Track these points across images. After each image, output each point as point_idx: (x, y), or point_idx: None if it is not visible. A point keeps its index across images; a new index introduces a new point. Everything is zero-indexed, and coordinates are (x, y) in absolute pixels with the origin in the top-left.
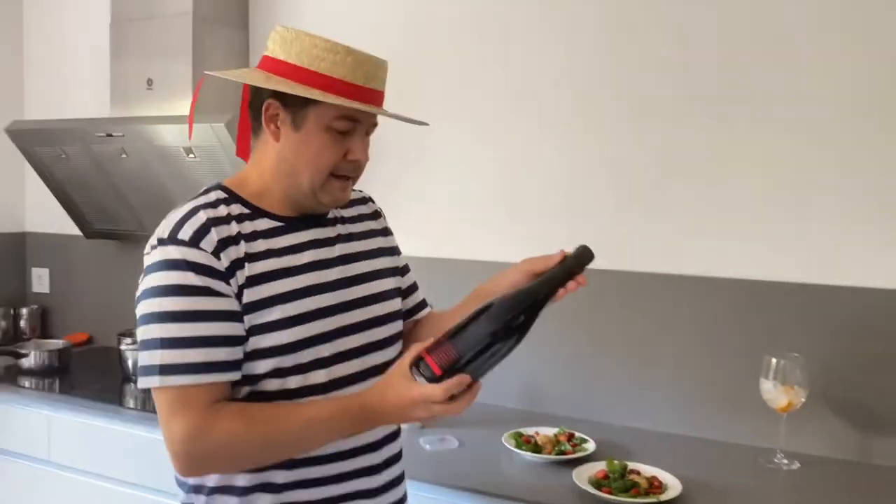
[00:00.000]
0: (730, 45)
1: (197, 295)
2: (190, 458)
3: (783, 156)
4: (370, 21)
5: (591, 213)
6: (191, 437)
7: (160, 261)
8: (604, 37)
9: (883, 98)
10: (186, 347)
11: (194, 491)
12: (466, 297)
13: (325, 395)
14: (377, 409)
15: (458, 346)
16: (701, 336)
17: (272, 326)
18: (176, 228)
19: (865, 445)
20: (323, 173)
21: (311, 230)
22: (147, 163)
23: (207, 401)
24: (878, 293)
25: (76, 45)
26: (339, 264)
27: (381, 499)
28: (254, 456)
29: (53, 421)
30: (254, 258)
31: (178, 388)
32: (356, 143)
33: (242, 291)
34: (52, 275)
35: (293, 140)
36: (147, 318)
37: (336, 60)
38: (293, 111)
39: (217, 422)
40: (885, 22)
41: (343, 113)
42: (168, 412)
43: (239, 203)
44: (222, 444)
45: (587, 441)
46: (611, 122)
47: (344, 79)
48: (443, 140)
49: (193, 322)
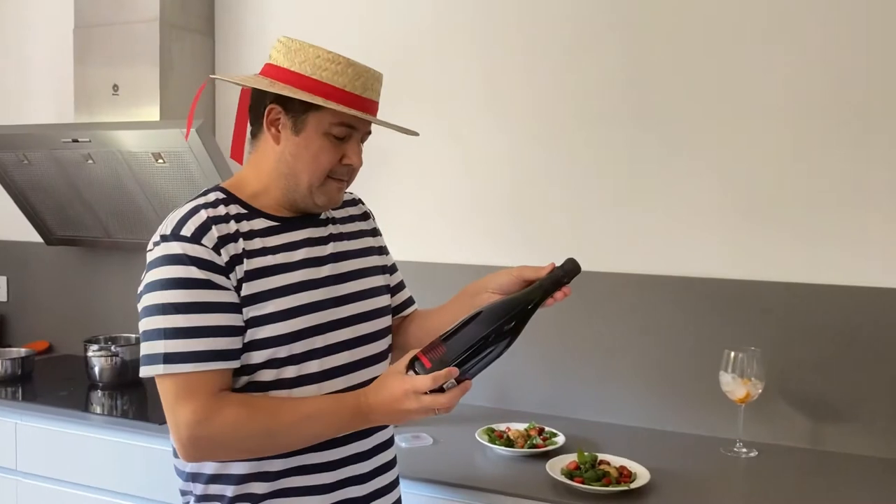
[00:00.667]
0: (688, 46)
1: (199, 287)
2: (194, 444)
3: (741, 158)
4: (337, 29)
5: (557, 214)
6: (196, 423)
7: (163, 256)
8: (579, 43)
9: (835, 105)
10: (190, 337)
11: (192, 479)
12: (456, 296)
13: (319, 385)
14: (372, 406)
15: (450, 347)
16: (663, 333)
17: (268, 319)
18: (178, 225)
19: (818, 433)
20: (320, 175)
21: (306, 229)
22: (114, 169)
23: (211, 388)
24: (828, 289)
25: (37, 51)
26: (331, 262)
27: (371, 484)
28: (255, 445)
29: (20, 429)
30: (251, 255)
31: (183, 376)
32: (352, 148)
33: (241, 285)
34: (9, 282)
35: (293, 143)
36: (150, 311)
37: (337, 70)
38: (294, 116)
39: (222, 409)
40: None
41: (341, 120)
42: (173, 399)
43: (237, 204)
44: (226, 430)
45: (557, 435)
46: (581, 124)
47: (344, 88)
48: (418, 145)
49: (196, 313)
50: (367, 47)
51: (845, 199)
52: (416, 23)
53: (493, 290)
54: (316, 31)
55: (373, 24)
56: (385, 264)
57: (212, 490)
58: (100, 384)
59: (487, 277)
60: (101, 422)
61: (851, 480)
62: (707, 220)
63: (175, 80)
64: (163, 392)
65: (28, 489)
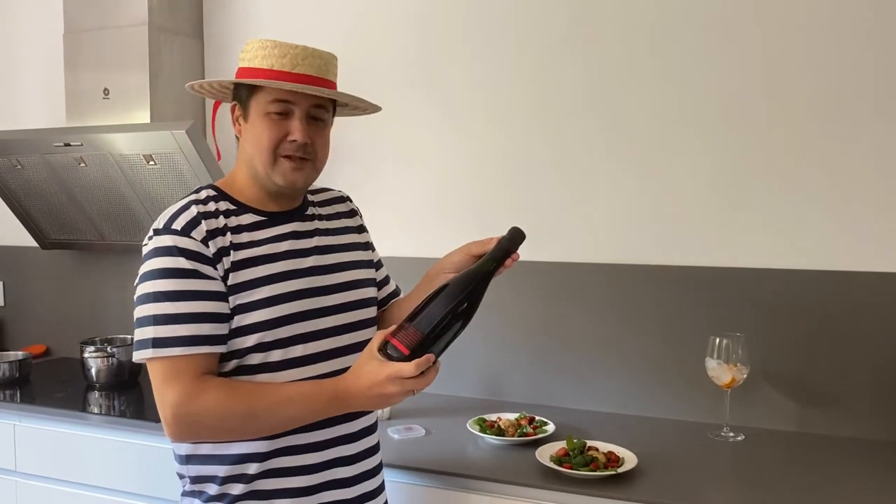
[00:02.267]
0: (674, 33)
1: (187, 277)
2: (179, 422)
3: (722, 146)
4: (324, 31)
5: (543, 206)
6: (180, 403)
7: (155, 248)
8: (570, 37)
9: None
10: (177, 323)
11: (186, 461)
12: (420, 282)
13: (303, 369)
14: (352, 392)
15: (420, 327)
16: (650, 321)
17: (254, 306)
18: (170, 220)
19: (802, 416)
20: (268, 154)
21: (291, 223)
22: (106, 172)
23: (196, 371)
24: (810, 274)
25: (27, 56)
26: (315, 254)
27: (358, 466)
28: (236, 425)
29: (18, 430)
30: (238, 247)
31: (170, 359)
32: (293, 124)
33: (228, 275)
34: (5, 287)
35: (246, 131)
36: (143, 299)
37: (265, 54)
38: (243, 106)
39: (205, 390)
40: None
41: (274, 97)
42: (161, 381)
43: (226, 200)
44: (209, 411)
45: (547, 423)
46: (562, 114)
47: (271, 67)
48: (406, 138)
49: (183, 301)
50: (351, 49)
51: (825, 185)
52: (402, 29)
53: (449, 270)
54: (302, 34)
55: (357, 26)
56: (371, 259)
57: (205, 471)
58: (97, 385)
59: (443, 259)
60: (99, 422)
61: (837, 462)
62: (694, 211)
63: (164, 82)
64: (152, 374)
65: (27, 489)
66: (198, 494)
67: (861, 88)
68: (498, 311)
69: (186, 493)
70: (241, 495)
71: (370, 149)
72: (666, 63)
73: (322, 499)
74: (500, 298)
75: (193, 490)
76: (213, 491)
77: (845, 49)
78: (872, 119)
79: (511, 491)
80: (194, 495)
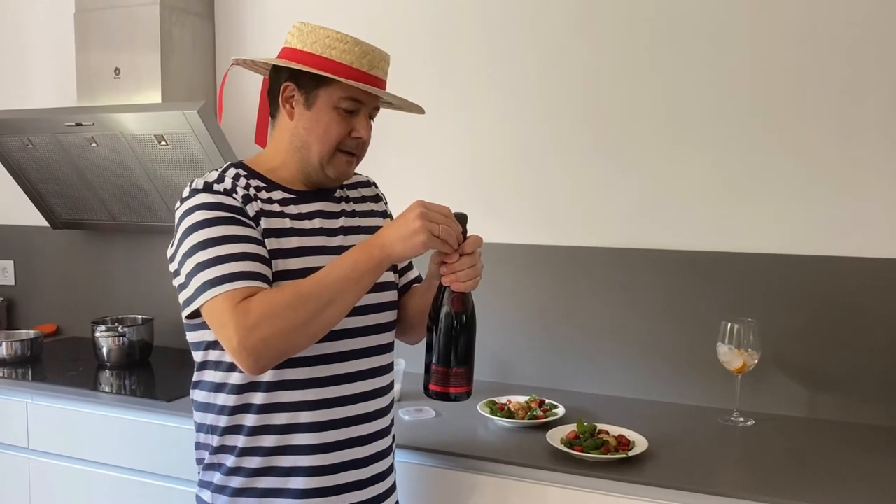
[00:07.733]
0: (682, 24)
1: (228, 224)
2: (244, 345)
3: (738, 131)
4: (337, 11)
5: (554, 191)
6: (238, 325)
7: (195, 204)
8: (582, 18)
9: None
10: (223, 263)
11: (210, 431)
12: (427, 278)
13: (330, 343)
14: (384, 236)
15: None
16: (661, 306)
17: (285, 276)
18: (209, 182)
19: (813, 402)
20: (330, 147)
21: (320, 202)
22: (117, 151)
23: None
24: (821, 260)
25: (38, 36)
26: (342, 234)
27: (372, 446)
28: (293, 314)
29: (31, 408)
30: (270, 215)
31: (221, 296)
32: (360, 122)
33: (264, 240)
34: (17, 267)
35: (306, 118)
36: (188, 253)
37: (345, 49)
38: (306, 92)
39: (251, 302)
40: None
41: (349, 94)
42: (218, 322)
43: (256, 178)
44: (262, 313)
45: (557, 407)
46: (571, 101)
47: (351, 64)
48: (414, 126)
49: (227, 244)
50: (366, 29)
51: (838, 171)
52: (414, 5)
53: (435, 276)
54: (316, 14)
55: (371, 7)
56: None
57: (226, 441)
58: (107, 364)
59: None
60: (111, 400)
61: (846, 448)
62: (703, 194)
63: (176, 62)
64: (210, 321)
65: (40, 466)
66: (217, 467)
67: (869, 74)
68: (509, 295)
69: (207, 467)
70: (258, 469)
71: (377, 136)
72: (679, 46)
73: (337, 480)
74: (512, 282)
75: (213, 463)
76: (231, 463)
77: (854, 25)
78: (885, 104)
79: (522, 473)
80: (214, 468)
